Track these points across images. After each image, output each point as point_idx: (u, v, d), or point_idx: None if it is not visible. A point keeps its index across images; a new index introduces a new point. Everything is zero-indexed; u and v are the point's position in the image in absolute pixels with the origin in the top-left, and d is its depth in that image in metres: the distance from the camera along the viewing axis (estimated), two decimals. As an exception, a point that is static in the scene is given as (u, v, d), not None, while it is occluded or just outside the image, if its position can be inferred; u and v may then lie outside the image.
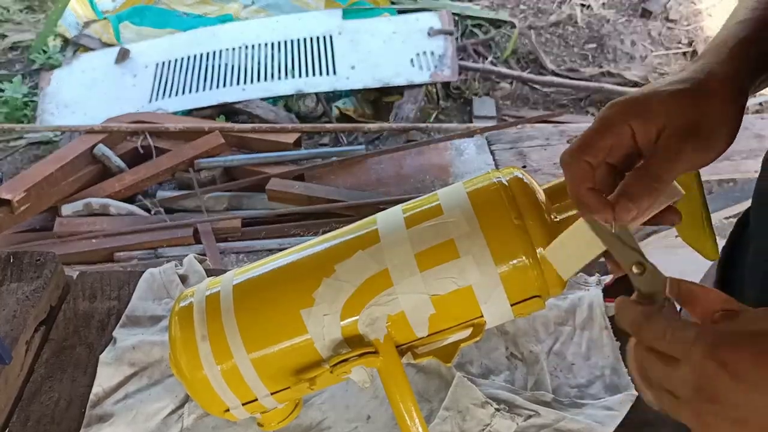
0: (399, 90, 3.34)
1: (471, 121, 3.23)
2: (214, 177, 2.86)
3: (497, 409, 0.73)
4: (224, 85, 3.34)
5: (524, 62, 3.65)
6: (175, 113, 3.20)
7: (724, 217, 2.43)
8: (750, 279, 0.68)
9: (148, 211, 2.74)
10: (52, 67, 3.62)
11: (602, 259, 0.58)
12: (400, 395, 0.61)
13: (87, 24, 3.91)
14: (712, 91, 0.49)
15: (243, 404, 0.64)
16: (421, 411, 0.76)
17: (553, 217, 0.61)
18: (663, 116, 0.48)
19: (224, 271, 0.71)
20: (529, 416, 0.73)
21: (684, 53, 3.71)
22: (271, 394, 0.64)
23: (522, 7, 4.06)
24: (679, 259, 0.90)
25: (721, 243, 0.60)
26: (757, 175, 0.73)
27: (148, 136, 2.94)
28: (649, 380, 0.44)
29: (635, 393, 0.75)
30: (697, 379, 0.40)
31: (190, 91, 3.32)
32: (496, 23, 3.88)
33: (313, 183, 2.79)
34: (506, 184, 0.61)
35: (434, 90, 3.40)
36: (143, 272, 0.93)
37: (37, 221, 2.71)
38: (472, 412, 0.74)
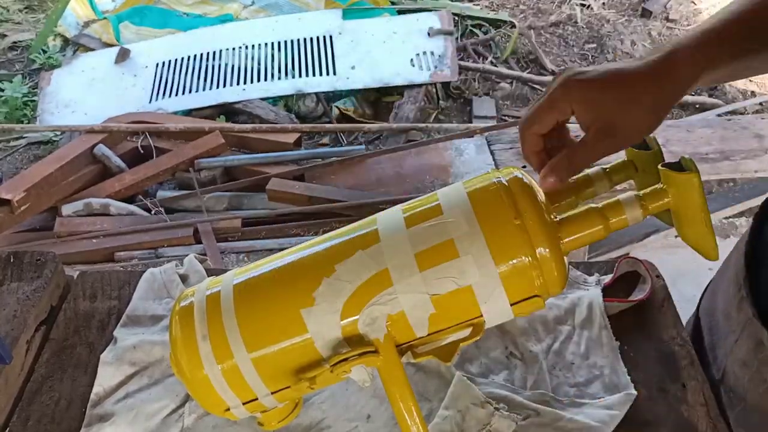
0: (399, 90, 3.34)
1: (471, 121, 3.23)
2: (215, 177, 2.86)
3: (497, 409, 0.73)
4: (224, 85, 3.34)
5: (524, 62, 3.66)
6: (175, 113, 3.20)
7: (723, 217, 2.43)
8: None
9: (148, 211, 2.74)
10: (52, 67, 3.62)
11: (603, 258, 0.59)
12: (400, 394, 0.61)
13: (87, 24, 3.91)
14: (658, 79, 0.57)
15: (243, 403, 0.64)
16: (421, 410, 0.76)
17: (552, 217, 0.61)
18: (595, 109, 0.58)
19: (225, 271, 0.71)
20: (528, 415, 0.73)
21: (684, 53, 3.71)
22: (272, 393, 0.64)
23: (522, 7, 4.07)
24: (678, 259, 0.90)
25: (721, 243, 0.60)
26: (757, 175, 0.75)
27: (148, 136, 2.94)
28: None
29: (635, 393, 0.76)
30: None
31: (190, 91, 3.32)
32: (496, 23, 3.88)
33: (313, 183, 2.79)
34: (506, 184, 0.61)
35: (434, 90, 3.40)
36: (144, 272, 0.93)
37: (38, 221, 2.71)
38: (471, 412, 0.74)
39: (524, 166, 0.70)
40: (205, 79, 3.38)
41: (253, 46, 3.54)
